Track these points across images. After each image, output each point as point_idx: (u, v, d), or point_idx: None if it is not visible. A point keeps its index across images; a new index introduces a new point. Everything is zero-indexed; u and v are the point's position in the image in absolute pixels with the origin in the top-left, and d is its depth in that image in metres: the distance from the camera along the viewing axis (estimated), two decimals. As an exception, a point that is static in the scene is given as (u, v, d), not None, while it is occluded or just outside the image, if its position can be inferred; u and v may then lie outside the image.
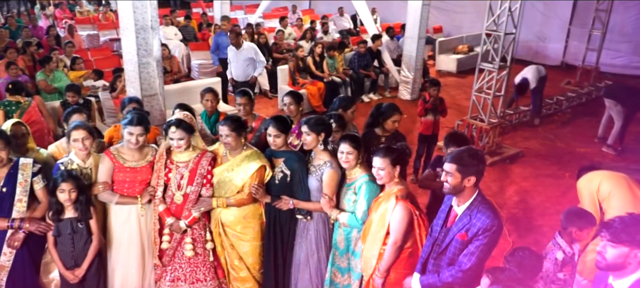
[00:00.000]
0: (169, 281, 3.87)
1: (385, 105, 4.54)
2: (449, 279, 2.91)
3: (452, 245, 2.93)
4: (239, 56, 7.72)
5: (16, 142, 3.78)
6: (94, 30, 13.04)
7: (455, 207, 2.98)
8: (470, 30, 14.07)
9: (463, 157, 2.82)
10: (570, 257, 3.32)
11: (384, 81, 10.62)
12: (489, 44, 7.15)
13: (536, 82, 8.72)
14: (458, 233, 2.89)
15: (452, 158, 2.85)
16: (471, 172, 2.81)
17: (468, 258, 2.85)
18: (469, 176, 2.81)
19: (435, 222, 3.12)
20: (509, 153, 7.54)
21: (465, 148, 2.92)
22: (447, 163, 2.85)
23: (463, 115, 8.48)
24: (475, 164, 2.81)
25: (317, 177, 3.63)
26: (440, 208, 3.15)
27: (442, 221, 3.05)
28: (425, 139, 6.46)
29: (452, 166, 2.83)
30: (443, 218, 3.05)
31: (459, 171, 2.81)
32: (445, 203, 3.11)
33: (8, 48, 8.56)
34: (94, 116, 6.60)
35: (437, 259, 3.03)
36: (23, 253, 3.56)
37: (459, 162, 2.82)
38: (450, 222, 3.00)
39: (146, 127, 3.64)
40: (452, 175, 2.83)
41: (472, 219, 2.85)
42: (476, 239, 2.83)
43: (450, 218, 3.02)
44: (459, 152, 2.88)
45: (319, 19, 14.25)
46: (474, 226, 2.84)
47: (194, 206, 3.68)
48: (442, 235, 3.02)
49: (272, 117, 3.73)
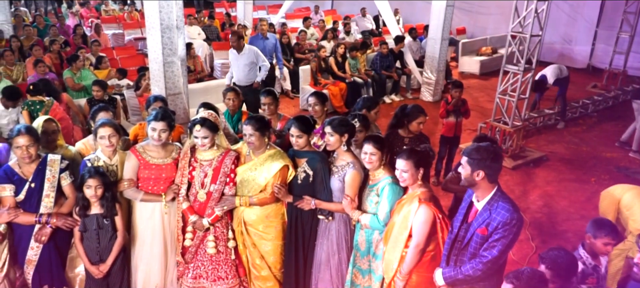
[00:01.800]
0: (191, 278, 3.91)
1: (410, 106, 4.52)
2: (470, 271, 2.93)
3: (474, 240, 2.94)
4: (239, 60, 7.45)
5: (47, 139, 3.86)
6: (119, 30, 13.24)
7: (475, 202, 3.00)
8: (495, 31, 13.92)
9: (472, 151, 2.88)
10: (593, 268, 3.25)
11: (406, 82, 10.57)
12: (514, 46, 7.06)
13: (554, 80, 8.58)
14: (478, 228, 2.91)
15: (464, 150, 2.94)
16: (479, 166, 2.84)
17: (488, 252, 2.86)
18: (477, 170, 2.84)
19: (456, 218, 3.14)
20: (533, 157, 7.44)
21: (480, 144, 2.95)
22: (463, 156, 2.95)
23: (486, 117, 8.40)
24: (483, 159, 2.83)
25: (339, 177, 3.63)
26: (461, 206, 3.16)
27: (462, 217, 3.08)
28: (447, 140, 6.42)
29: (463, 158, 2.92)
30: (463, 215, 3.07)
31: (468, 163, 2.88)
32: (466, 200, 3.12)
33: (34, 46, 8.73)
34: (119, 114, 6.71)
35: (459, 255, 3.05)
36: (50, 247, 3.63)
37: (468, 154, 2.89)
38: (470, 218, 3.02)
39: (169, 123, 3.69)
40: (463, 167, 2.91)
41: (492, 214, 2.87)
42: (496, 233, 2.85)
43: (470, 214, 3.04)
44: (472, 145, 2.95)
45: (341, 19, 14.24)
46: (494, 220, 2.85)
47: (217, 204, 3.71)
48: (463, 231, 3.03)
49: (295, 118, 3.74)
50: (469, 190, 3.12)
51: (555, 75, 8.61)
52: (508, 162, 7.16)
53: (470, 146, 2.95)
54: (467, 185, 2.95)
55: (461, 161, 2.96)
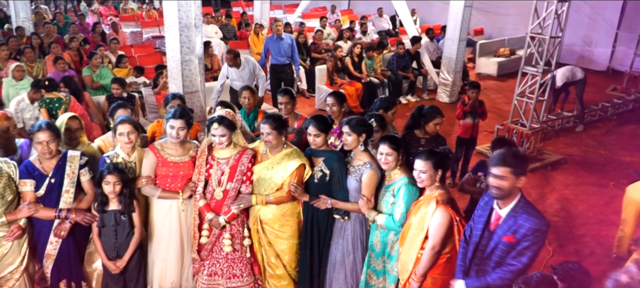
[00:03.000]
0: (206, 275, 3.93)
1: (427, 107, 4.50)
2: (498, 281, 2.85)
3: (499, 249, 2.88)
4: (241, 74, 7.41)
5: (69, 136, 3.91)
6: (137, 28, 13.36)
7: (498, 209, 2.93)
8: (513, 33, 13.79)
9: (514, 158, 2.78)
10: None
11: (423, 83, 10.52)
12: (533, 47, 6.99)
13: (564, 82, 8.46)
14: (504, 236, 2.85)
15: (503, 162, 2.78)
16: (522, 172, 2.78)
17: (518, 260, 2.80)
18: (520, 176, 2.78)
19: (475, 226, 3.06)
20: (551, 159, 7.36)
21: (507, 150, 2.86)
22: (499, 167, 2.79)
23: (503, 119, 8.33)
24: (525, 163, 2.79)
25: (356, 177, 3.63)
26: (477, 213, 3.09)
27: (483, 225, 3.00)
28: (464, 142, 6.38)
29: (505, 169, 2.77)
30: (484, 223, 3.00)
31: (513, 173, 2.76)
32: (484, 208, 3.05)
33: (53, 43, 8.86)
34: (137, 111, 6.78)
35: (481, 264, 2.99)
36: (69, 242, 3.67)
37: (513, 164, 2.76)
38: (492, 225, 2.95)
39: (188, 121, 3.71)
40: (506, 179, 2.77)
41: (518, 220, 2.81)
42: (525, 240, 2.79)
43: (492, 222, 2.97)
44: (506, 154, 2.81)
45: (357, 19, 14.22)
46: (522, 227, 2.79)
47: (234, 202, 3.73)
48: (485, 239, 2.97)
49: (313, 117, 3.74)
50: (484, 196, 3.08)
51: (566, 77, 8.48)
52: (525, 164, 7.07)
53: (503, 157, 2.80)
54: (505, 196, 2.84)
55: (498, 173, 2.79)
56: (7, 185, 3.41)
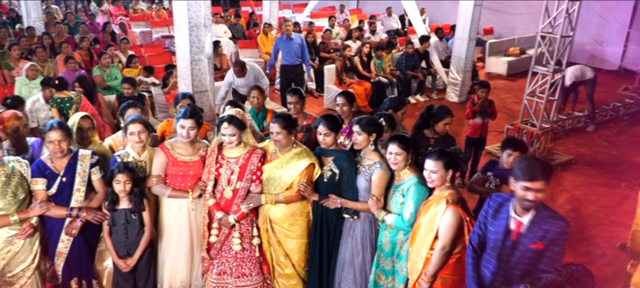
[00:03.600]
0: (215, 274, 3.94)
1: (436, 107, 4.49)
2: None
3: (527, 257, 2.81)
4: (246, 82, 7.52)
5: (81, 135, 3.93)
6: (147, 28, 13.43)
7: (517, 217, 2.85)
8: (523, 32, 13.71)
9: (545, 169, 2.70)
10: None
11: (432, 83, 10.49)
12: (544, 47, 6.95)
13: (572, 82, 8.39)
14: (532, 244, 2.78)
15: (540, 175, 2.68)
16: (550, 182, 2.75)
17: (552, 267, 2.73)
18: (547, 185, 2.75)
19: (490, 237, 2.96)
20: (561, 160, 7.31)
21: (535, 162, 2.74)
22: (536, 181, 2.69)
23: (513, 119, 8.29)
24: (552, 172, 2.73)
25: (366, 177, 3.62)
26: (487, 220, 2.99)
27: (502, 235, 2.90)
28: (473, 142, 6.35)
29: (543, 183, 2.69)
30: (503, 233, 2.90)
31: (546, 185, 2.71)
32: (497, 217, 2.95)
33: (64, 43, 8.92)
34: (147, 111, 6.81)
35: (508, 275, 2.89)
36: (80, 241, 3.70)
37: (546, 176, 2.69)
38: (514, 234, 2.87)
39: (198, 121, 3.73)
40: (543, 191, 2.71)
41: (543, 226, 2.76)
42: (555, 245, 2.76)
43: (512, 230, 2.88)
44: (538, 167, 2.70)
45: (366, 18, 14.20)
46: (549, 232, 2.75)
47: (243, 202, 3.73)
48: (508, 249, 2.88)
49: (323, 116, 3.74)
50: (490, 202, 3.00)
51: (575, 76, 8.42)
52: (535, 164, 7.03)
53: (538, 171, 2.69)
54: (532, 207, 2.78)
55: (535, 187, 2.69)
56: (19, 183, 3.44)
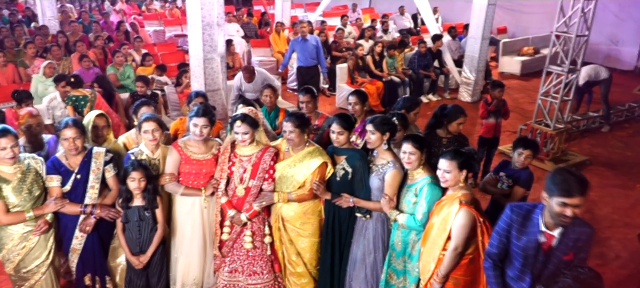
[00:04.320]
0: (227, 272, 3.96)
1: (450, 106, 4.48)
2: None
3: (559, 269, 2.74)
4: (253, 87, 7.61)
5: (96, 133, 3.96)
6: (160, 26, 13.50)
7: (549, 230, 2.77)
8: (537, 31, 13.59)
9: (582, 184, 2.59)
10: None
11: (444, 82, 10.43)
12: (558, 46, 6.88)
13: (585, 81, 8.30)
14: (564, 256, 2.75)
15: (578, 191, 2.58)
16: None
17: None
18: None
19: (522, 253, 2.85)
20: (575, 160, 7.24)
21: (573, 177, 2.61)
22: (576, 197, 2.58)
23: (526, 119, 8.23)
24: (588, 185, 2.63)
25: (379, 176, 3.61)
26: (518, 236, 2.86)
27: (534, 251, 2.82)
28: (486, 142, 6.31)
29: (580, 199, 2.59)
30: (535, 248, 2.81)
31: (585, 200, 2.61)
32: (523, 231, 2.84)
33: (78, 41, 9.00)
34: (160, 109, 6.85)
35: (548, 285, 2.77)
36: (93, 237, 3.74)
37: (584, 191, 2.59)
38: (545, 245, 2.80)
39: (211, 119, 3.75)
40: (581, 207, 2.61)
41: (572, 235, 2.72)
42: (582, 252, 2.74)
43: (543, 241, 2.81)
44: (576, 183, 2.58)
45: (379, 17, 14.17)
46: (579, 241, 2.72)
47: (256, 200, 3.75)
48: (540, 263, 2.83)
49: (337, 115, 3.73)
50: (511, 214, 2.87)
51: (588, 76, 8.33)
52: (549, 165, 6.99)
53: (576, 186, 2.58)
54: (569, 224, 2.68)
55: (575, 203, 2.58)
56: (34, 180, 3.48)
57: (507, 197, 4.06)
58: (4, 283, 4.41)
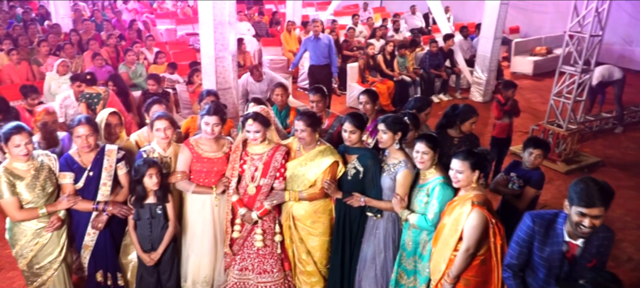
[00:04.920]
0: (237, 270, 3.98)
1: (462, 106, 4.46)
2: None
3: (583, 276, 2.67)
4: (260, 87, 7.64)
5: (109, 131, 3.99)
6: (172, 25, 13.56)
7: (572, 240, 2.73)
8: (550, 31, 13.48)
9: (604, 193, 2.55)
10: None
11: (456, 82, 10.38)
12: (572, 46, 6.82)
13: (599, 82, 8.22)
14: (588, 263, 2.72)
15: (600, 201, 2.53)
16: None
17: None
18: None
19: (546, 264, 2.81)
20: (588, 162, 7.18)
21: (595, 186, 2.58)
22: (594, 208, 2.53)
23: (538, 119, 8.16)
24: (612, 196, 2.58)
25: (390, 175, 3.59)
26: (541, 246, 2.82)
27: (559, 263, 2.79)
28: (499, 142, 6.26)
29: (601, 210, 2.54)
30: (560, 260, 2.78)
31: (606, 211, 2.58)
32: (546, 242, 2.79)
33: (90, 40, 9.08)
34: (172, 107, 6.88)
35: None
36: (105, 234, 3.76)
37: (606, 202, 2.55)
38: (569, 254, 2.77)
39: (222, 117, 3.76)
40: (601, 218, 2.58)
41: (595, 242, 2.70)
42: (603, 256, 2.72)
43: (566, 252, 2.77)
44: (596, 192, 2.54)
45: (390, 16, 14.12)
46: (601, 247, 2.70)
47: (267, 198, 3.75)
48: (565, 273, 2.80)
49: (349, 114, 3.73)
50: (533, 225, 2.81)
51: (601, 76, 8.24)
52: (561, 166, 6.94)
53: (598, 196, 2.52)
54: (587, 235, 2.64)
55: (595, 214, 2.55)
56: (47, 177, 3.51)
57: (518, 198, 4.04)
58: (17, 278, 4.47)
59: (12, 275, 4.56)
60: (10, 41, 9.15)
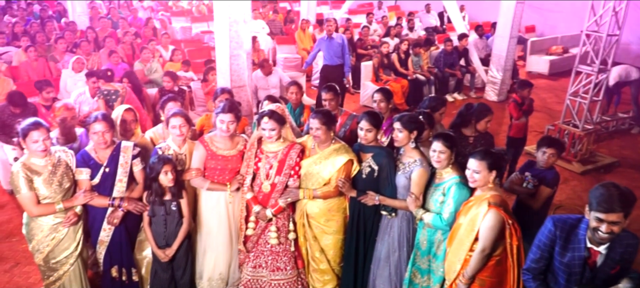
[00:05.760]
0: (251, 267, 3.99)
1: (477, 105, 4.46)
2: None
3: (607, 283, 2.69)
4: (269, 81, 7.70)
5: (124, 127, 4.03)
6: (187, 23, 13.62)
7: (594, 247, 2.68)
8: (567, 30, 13.33)
9: (623, 199, 2.50)
10: None
11: (470, 81, 10.32)
12: (588, 45, 6.75)
13: (616, 82, 8.12)
14: (612, 270, 2.68)
15: (619, 207, 2.48)
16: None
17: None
18: None
19: (566, 270, 2.76)
20: (604, 162, 7.10)
21: (614, 190, 2.52)
22: (612, 214, 2.49)
23: (554, 119, 8.08)
24: (634, 202, 2.53)
25: (405, 174, 3.58)
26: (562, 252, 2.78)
27: (581, 268, 2.73)
28: (515, 142, 6.21)
29: (620, 216, 2.50)
30: (581, 265, 2.72)
31: (626, 216, 2.53)
32: (567, 247, 2.74)
33: (106, 37, 9.16)
34: (187, 105, 6.93)
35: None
36: (121, 230, 3.80)
37: (627, 207, 2.50)
38: (591, 261, 2.72)
39: (236, 115, 3.77)
40: (621, 224, 2.53)
41: (619, 249, 2.65)
42: (627, 264, 2.67)
43: (588, 259, 2.73)
44: (615, 198, 2.49)
45: (404, 15, 14.07)
46: (625, 254, 2.65)
47: (281, 196, 3.76)
48: (587, 280, 2.75)
49: (365, 112, 3.72)
50: (553, 230, 2.77)
51: (619, 76, 8.14)
52: (577, 166, 6.87)
53: (616, 197, 2.48)
54: (605, 242, 2.61)
55: (614, 219, 2.50)
56: (64, 173, 3.55)
57: (532, 197, 4.01)
58: (33, 273, 4.53)
59: (28, 269, 4.63)
60: (28, 38, 9.27)
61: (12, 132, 5.40)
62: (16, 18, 11.68)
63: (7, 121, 5.55)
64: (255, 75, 7.62)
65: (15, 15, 12.15)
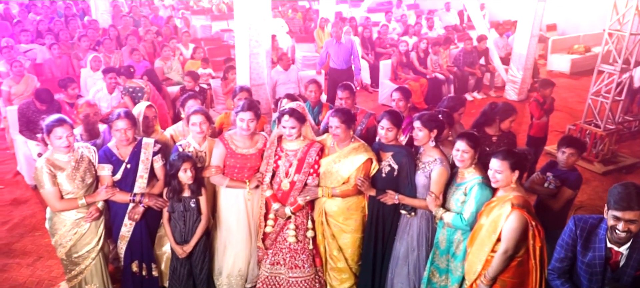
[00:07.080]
0: (269, 264, 4.01)
1: (501, 104, 4.45)
2: None
3: (632, 285, 2.66)
4: (288, 76, 7.70)
5: (146, 124, 4.08)
6: (207, 21, 13.72)
7: (615, 247, 2.65)
8: (589, 29, 13.13)
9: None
10: None
11: (490, 80, 10.22)
12: (611, 44, 6.65)
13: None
14: (636, 272, 2.64)
15: (639, 205, 2.46)
16: None
17: None
18: None
19: (588, 270, 2.75)
20: (626, 162, 6.98)
21: (635, 188, 2.50)
22: (630, 212, 2.48)
23: (575, 119, 7.97)
24: None
25: (425, 173, 3.57)
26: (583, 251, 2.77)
27: (602, 267, 2.70)
28: (536, 141, 6.15)
29: (637, 214, 2.48)
30: (602, 265, 2.70)
31: None
32: (589, 247, 2.73)
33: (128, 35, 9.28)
34: (208, 103, 6.99)
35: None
36: (141, 225, 3.85)
37: None
38: (613, 262, 2.70)
39: (256, 113, 3.79)
40: (637, 223, 2.51)
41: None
42: None
43: (610, 259, 2.70)
44: (635, 195, 2.47)
45: (424, 14, 13.99)
46: None
47: (300, 194, 3.77)
48: (609, 280, 2.72)
49: (386, 111, 3.72)
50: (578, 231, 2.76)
51: None
52: (598, 167, 6.77)
53: (635, 194, 2.45)
54: (623, 241, 2.59)
55: (632, 217, 2.48)
56: (87, 169, 3.61)
57: (553, 198, 3.97)
58: (56, 266, 4.61)
59: (50, 263, 4.71)
60: (52, 36, 9.43)
61: (36, 128, 5.50)
62: (41, 16, 11.88)
63: (32, 117, 5.67)
64: (276, 71, 7.64)
65: (40, 13, 12.36)
